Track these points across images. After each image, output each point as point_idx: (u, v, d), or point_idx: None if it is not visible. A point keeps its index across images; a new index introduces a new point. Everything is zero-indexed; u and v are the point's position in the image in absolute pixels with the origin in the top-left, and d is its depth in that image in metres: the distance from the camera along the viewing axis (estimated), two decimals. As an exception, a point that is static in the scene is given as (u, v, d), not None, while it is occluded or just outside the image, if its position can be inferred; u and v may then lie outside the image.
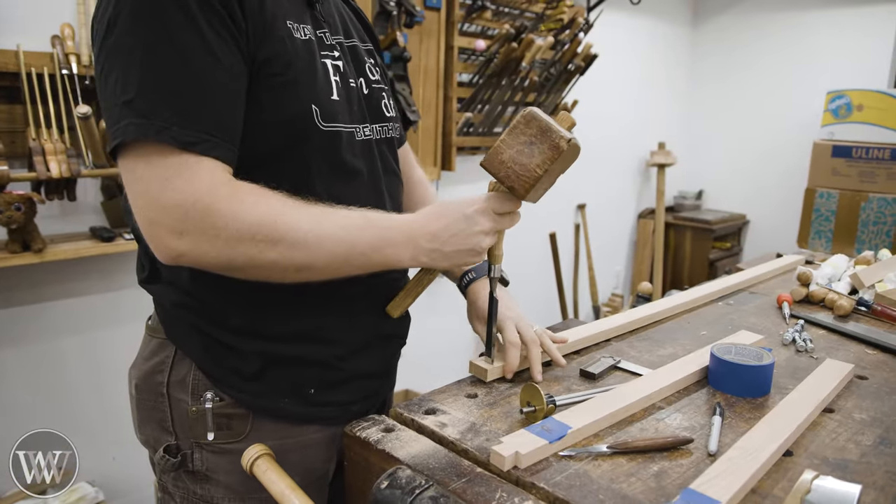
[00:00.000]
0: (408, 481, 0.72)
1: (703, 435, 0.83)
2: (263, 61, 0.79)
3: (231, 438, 0.89)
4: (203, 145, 0.73)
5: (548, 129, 0.81)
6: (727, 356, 0.97)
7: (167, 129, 0.71)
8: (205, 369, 0.89)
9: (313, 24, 0.89)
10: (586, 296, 3.88)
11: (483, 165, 0.84)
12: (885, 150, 3.25)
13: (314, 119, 0.83)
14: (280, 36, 0.81)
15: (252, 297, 0.85)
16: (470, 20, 2.75)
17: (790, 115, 3.99)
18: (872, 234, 3.30)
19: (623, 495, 0.69)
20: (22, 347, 1.82)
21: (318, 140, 0.84)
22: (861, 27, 3.74)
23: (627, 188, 4.18)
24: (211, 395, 0.88)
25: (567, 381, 0.99)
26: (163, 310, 0.92)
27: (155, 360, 0.92)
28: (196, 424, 0.89)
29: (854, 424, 0.88)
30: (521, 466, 0.74)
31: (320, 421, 0.93)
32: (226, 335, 0.88)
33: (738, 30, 4.21)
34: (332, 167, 0.87)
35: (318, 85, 0.85)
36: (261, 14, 0.79)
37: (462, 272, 1.08)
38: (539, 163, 0.81)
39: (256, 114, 0.79)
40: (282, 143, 0.82)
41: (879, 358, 1.13)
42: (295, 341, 0.89)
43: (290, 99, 0.81)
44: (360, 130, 0.92)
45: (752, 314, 1.36)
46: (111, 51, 0.73)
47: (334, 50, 0.91)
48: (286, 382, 0.90)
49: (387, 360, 1.03)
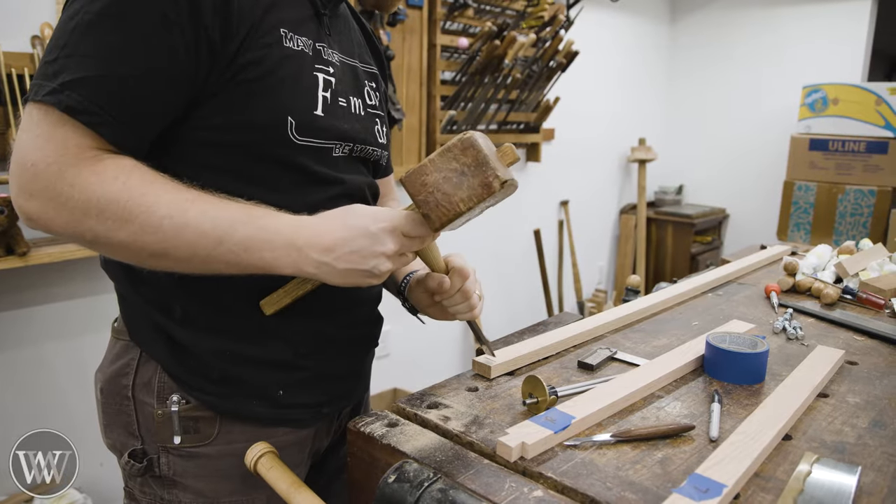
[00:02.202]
0: (415, 474, 0.72)
1: (702, 422, 0.84)
2: (244, 65, 0.77)
3: (198, 442, 0.88)
4: (91, 117, 0.69)
5: (484, 163, 0.73)
6: (722, 345, 0.99)
7: (58, 92, 0.68)
8: (170, 371, 0.87)
9: (314, 36, 0.86)
10: (571, 292, 3.91)
11: (402, 182, 0.76)
12: (861, 142, 3.32)
13: (287, 130, 0.81)
14: (267, 42, 0.79)
15: (215, 294, 0.84)
16: (452, 18, 2.76)
17: (767, 110, 4.06)
18: (850, 225, 3.37)
19: (630, 482, 0.70)
20: (7, 352, 1.79)
21: (289, 152, 0.82)
22: (834, 22, 3.81)
23: (609, 184, 4.22)
24: (177, 397, 0.86)
25: (566, 372, 1.00)
26: (127, 306, 0.90)
27: (120, 363, 0.90)
28: (162, 428, 0.87)
29: (848, 408, 0.90)
30: (528, 457, 0.74)
31: (290, 423, 0.92)
32: (187, 334, 0.86)
33: (716, 26, 4.27)
34: (306, 178, 0.85)
35: (301, 97, 0.83)
36: (247, 17, 0.77)
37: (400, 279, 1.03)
38: (464, 198, 0.74)
39: (227, 115, 0.78)
40: (251, 148, 0.80)
41: (868, 344, 1.16)
42: (259, 341, 0.87)
43: (264, 106, 0.79)
44: (339, 147, 0.89)
45: (741, 304, 1.38)
46: (64, 12, 0.72)
47: (330, 66, 0.88)
48: (252, 384, 0.88)
49: (356, 361, 1.00)
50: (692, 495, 0.65)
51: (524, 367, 1.02)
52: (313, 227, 0.75)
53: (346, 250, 0.74)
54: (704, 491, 0.65)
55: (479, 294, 0.95)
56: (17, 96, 1.62)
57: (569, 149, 3.73)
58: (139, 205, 0.70)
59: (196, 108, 0.78)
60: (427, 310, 0.99)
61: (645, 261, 4.18)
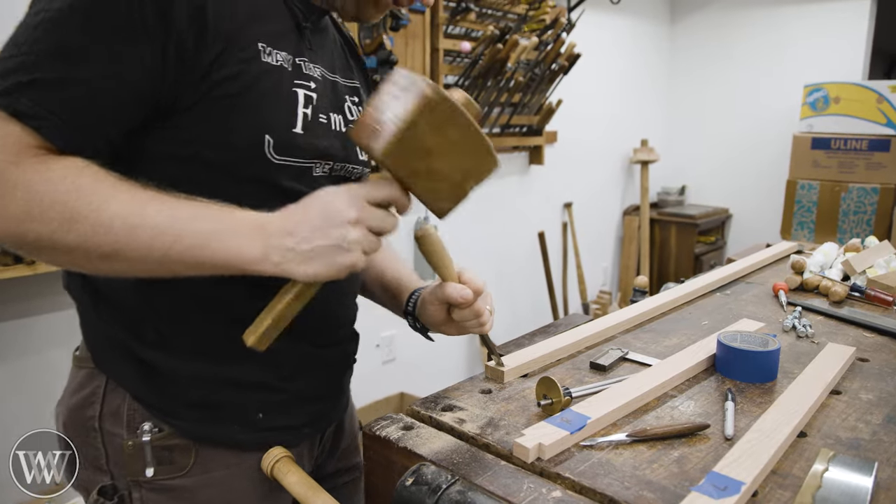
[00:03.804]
0: (433, 477, 0.72)
1: (717, 420, 0.85)
2: (220, 79, 0.74)
3: (173, 473, 0.82)
4: (38, 121, 0.66)
5: (412, 78, 0.68)
6: (734, 343, 0.99)
7: (8, 93, 0.65)
8: (141, 398, 0.82)
9: (294, 50, 0.82)
10: (575, 294, 3.91)
11: (349, 135, 0.73)
12: (863, 140, 3.32)
13: (265, 149, 0.77)
14: (245, 57, 0.75)
15: (190, 314, 0.81)
16: (454, 22, 2.77)
17: (769, 109, 4.07)
18: (853, 223, 3.37)
19: (647, 481, 0.70)
20: (14, 361, 1.80)
21: (266, 171, 0.78)
22: (835, 21, 3.82)
23: (612, 185, 4.23)
24: (148, 426, 0.81)
25: (578, 373, 1.00)
26: (91, 331, 0.85)
27: (84, 393, 0.84)
28: (133, 460, 0.82)
29: (861, 405, 0.90)
30: (545, 458, 0.75)
31: (270, 447, 0.87)
32: (161, 357, 0.81)
33: (715, 26, 4.28)
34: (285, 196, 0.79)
35: (279, 114, 0.79)
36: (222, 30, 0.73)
37: (405, 299, 0.99)
38: (400, 113, 0.67)
39: (202, 131, 0.75)
40: (227, 166, 0.77)
41: (878, 341, 1.16)
42: (238, 362, 0.83)
43: (241, 124, 0.76)
44: (319, 166, 0.85)
45: (749, 303, 1.38)
46: (30, 10, 0.69)
47: (311, 81, 0.84)
48: (231, 407, 0.84)
49: (335, 380, 0.98)
50: (711, 493, 0.65)
51: (536, 369, 1.02)
52: (277, 216, 0.72)
53: (307, 229, 0.70)
54: (723, 489, 0.66)
55: (489, 309, 0.94)
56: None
57: (572, 151, 3.74)
58: (89, 203, 0.66)
59: (168, 121, 0.74)
60: (441, 327, 0.95)
61: (649, 262, 4.18)
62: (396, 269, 1.06)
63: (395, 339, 2.88)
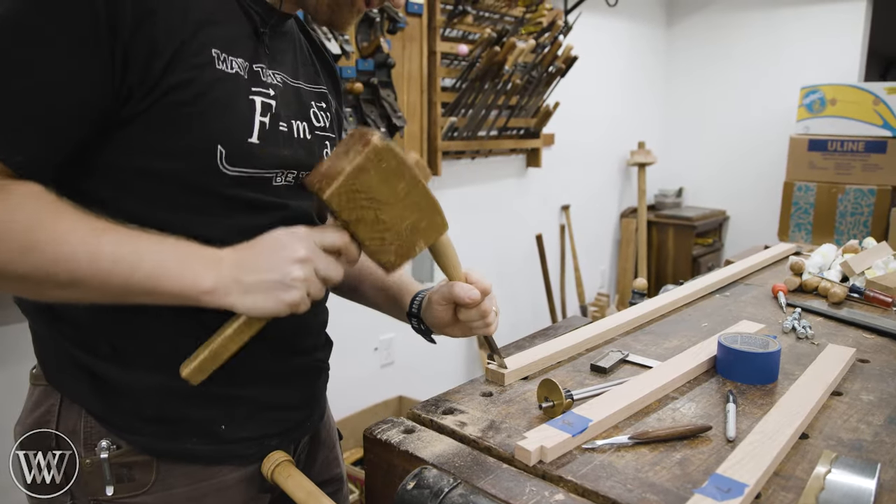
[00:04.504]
0: (435, 480, 0.72)
1: (718, 422, 0.84)
2: (171, 87, 0.71)
3: (134, 491, 0.80)
4: None
5: (365, 132, 0.73)
6: (734, 345, 0.99)
7: None
8: (97, 414, 0.80)
9: (250, 56, 0.80)
10: (573, 296, 3.91)
11: (304, 182, 0.76)
12: (859, 142, 3.33)
13: (217, 160, 0.76)
14: (197, 63, 0.73)
15: (146, 326, 0.78)
16: (451, 25, 2.77)
17: (765, 111, 4.08)
18: (850, 224, 3.37)
19: (650, 483, 0.70)
20: (17, 366, 1.78)
21: (219, 181, 0.77)
22: (830, 23, 3.84)
23: (609, 188, 4.23)
24: (106, 443, 0.79)
25: (579, 375, 1.00)
26: (43, 347, 0.84)
27: (40, 411, 0.82)
28: (92, 479, 0.79)
29: (863, 406, 0.90)
30: (547, 460, 0.74)
31: (235, 460, 0.86)
32: (115, 370, 0.79)
33: (712, 29, 4.29)
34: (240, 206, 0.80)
35: (233, 124, 0.77)
36: (174, 37, 0.71)
37: (408, 300, 0.99)
38: (350, 159, 0.72)
39: (152, 138, 0.73)
40: (177, 175, 0.75)
41: (877, 342, 1.16)
42: None
43: (192, 133, 0.74)
44: (280, 176, 0.84)
45: (749, 305, 1.38)
46: None
47: (269, 88, 0.82)
48: (191, 420, 0.82)
49: (305, 387, 0.95)
50: (714, 495, 0.65)
51: (537, 371, 1.02)
52: (231, 249, 0.73)
53: (254, 260, 0.71)
54: (726, 491, 0.65)
55: (495, 310, 0.93)
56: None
57: (569, 153, 3.74)
58: (48, 232, 0.65)
59: (120, 129, 0.73)
60: (446, 328, 0.94)
61: (647, 264, 4.19)
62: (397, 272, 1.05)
63: (393, 342, 2.88)
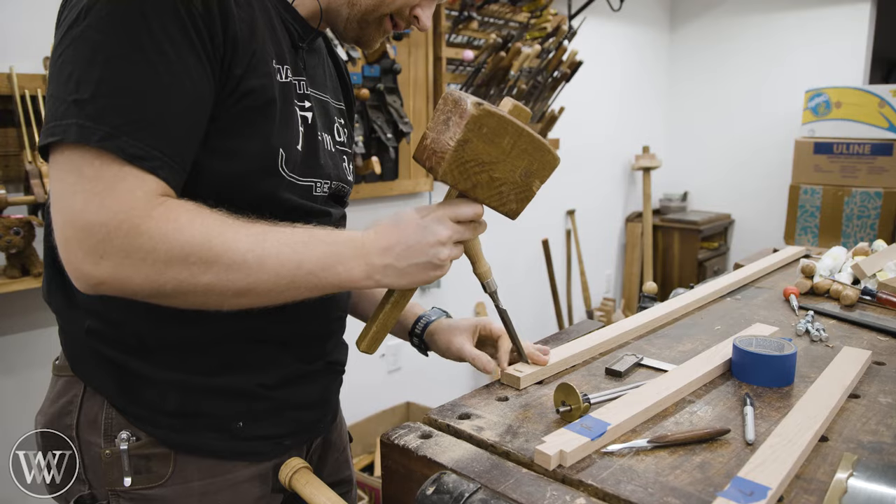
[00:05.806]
0: (455, 485, 0.72)
1: (736, 425, 0.84)
2: (248, 91, 0.75)
3: (151, 483, 0.81)
4: (152, 162, 0.67)
5: (459, 99, 0.75)
6: (750, 348, 0.98)
7: (114, 137, 0.65)
8: (118, 406, 0.81)
9: (293, 69, 0.84)
10: (579, 301, 3.90)
11: (414, 158, 0.80)
12: (865, 145, 3.33)
13: (278, 163, 0.79)
14: (266, 71, 0.77)
15: (176, 322, 0.79)
16: (457, 31, 2.78)
17: (770, 115, 4.07)
18: (857, 227, 3.36)
19: (671, 487, 0.70)
20: (21, 373, 1.79)
21: (277, 186, 0.80)
22: (835, 26, 3.83)
23: (614, 192, 4.23)
24: (126, 434, 0.80)
25: (594, 379, 1.00)
26: (70, 340, 0.85)
27: (62, 401, 0.84)
28: (110, 469, 0.81)
29: (881, 408, 0.89)
30: (566, 465, 0.74)
31: (250, 457, 0.87)
32: (141, 364, 0.81)
33: (715, 33, 4.29)
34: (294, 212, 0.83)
35: (289, 131, 0.81)
36: (250, 43, 0.75)
37: (411, 324, 1.06)
38: (452, 134, 0.74)
39: (223, 140, 0.75)
40: (242, 178, 0.78)
41: (892, 344, 1.16)
42: (219, 370, 0.83)
43: (262, 136, 0.77)
44: (318, 186, 0.88)
45: (761, 308, 1.38)
46: (76, 41, 0.67)
47: (305, 100, 0.86)
48: (211, 415, 0.83)
49: (323, 389, 0.97)
50: (737, 499, 0.64)
51: (551, 375, 1.02)
52: (370, 235, 0.77)
53: (403, 247, 0.76)
54: (749, 494, 0.65)
55: None
56: (30, 117, 1.63)
57: (574, 158, 3.74)
58: (222, 243, 0.69)
59: None
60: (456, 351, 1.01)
61: (652, 268, 4.18)
62: None
63: (400, 348, 2.87)
